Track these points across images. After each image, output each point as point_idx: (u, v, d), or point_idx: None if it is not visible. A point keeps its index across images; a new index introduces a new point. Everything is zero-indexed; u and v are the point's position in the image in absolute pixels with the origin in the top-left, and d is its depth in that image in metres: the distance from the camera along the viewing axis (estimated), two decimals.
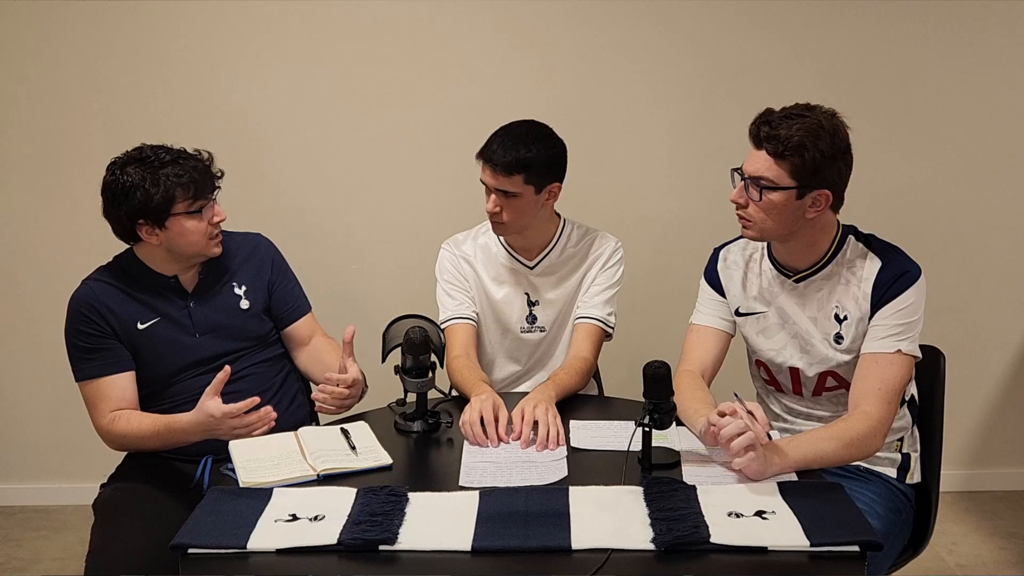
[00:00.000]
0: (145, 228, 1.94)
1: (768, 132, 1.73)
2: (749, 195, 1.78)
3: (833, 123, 1.74)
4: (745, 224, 1.83)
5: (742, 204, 1.80)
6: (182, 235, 1.94)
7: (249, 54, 2.87)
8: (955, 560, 2.72)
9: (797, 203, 1.75)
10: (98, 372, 1.95)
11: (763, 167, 1.74)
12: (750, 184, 1.77)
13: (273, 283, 2.15)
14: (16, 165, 2.96)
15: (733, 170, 1.82)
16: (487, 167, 2.08)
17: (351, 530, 1.42)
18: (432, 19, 2.85)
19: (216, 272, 2.08)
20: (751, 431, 1.55)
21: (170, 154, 1.94)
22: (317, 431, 1.86)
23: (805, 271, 1.88)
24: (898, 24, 2.83)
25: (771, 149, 1.73)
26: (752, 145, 1.78)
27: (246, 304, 2.09)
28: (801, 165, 1.71)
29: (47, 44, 2.85)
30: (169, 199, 1.90)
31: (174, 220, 1.93)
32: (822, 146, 1.70)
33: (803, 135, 1.70)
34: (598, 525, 1.44)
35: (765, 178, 1.74)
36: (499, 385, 2.28)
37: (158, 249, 1.98)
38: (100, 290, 1.98)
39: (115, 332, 1.96)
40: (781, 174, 1.73)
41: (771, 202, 1.75)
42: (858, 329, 1.83)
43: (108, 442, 1.99)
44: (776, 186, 1.74)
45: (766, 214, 1.77)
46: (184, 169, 1.92)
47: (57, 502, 3.15)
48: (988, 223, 2.97)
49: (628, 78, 2.89)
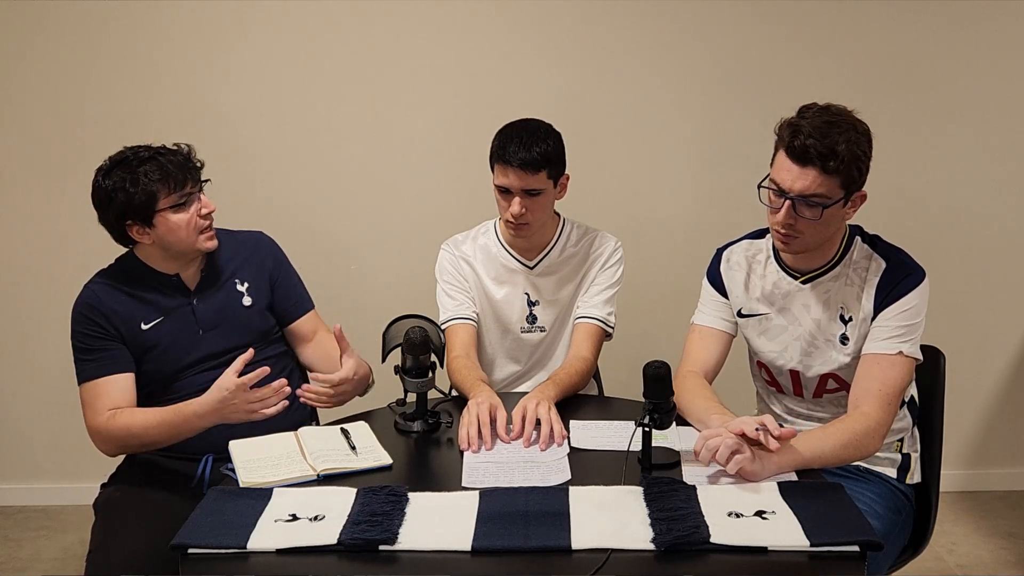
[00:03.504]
0: (135, 228, 1.95)
1: (819, 149, 1.66)
2: (798, 213, 1.72)
3: (859, 122, 1.72)
4: (789, 239, 1.76)
5: (791, 223, 1.75)
6: (171, 231, 1.95)
7: (247, 54, 2.87)
8: (955, 560, 2.72)
9: (843, 210, 1.75)
10: (96, 373, 1.95)
11: (814, 184, 1.69)
12: (800, 203, 1.71)
13: (275, 279, 2.16)
14: (12, 166, 2.96)
15: (767, 188, 1.76)
16: (510, 170, 2.05)
17: (351, 530, 1.42)
18: (433, 20, 2.85)
19: (218, 269, 2.09)
20: (725, 440, 1.55)
21: (148, 151, 1.96)
22: (317, 431, 1.86)
23: (813, 272, 1.87)
24: (899, 27, 2.83)
25: (823, 166, 1.67)
26: (791, 160, 1.70)
27: (249, 300, 2.10)
28: (851, 176, 1.69)
29: (44, 44, 2.85)
30: (151, 196, 1.91)
31: (161, 217, 1.93)
32: (862, 150, 1.69)
33: (848, 145, 1.66)
34: (598, 525, 1.44)
35: (819, 195, 1.69)
36: (499, 385, 2.28)
37: (153, 248, 1.99)
38: (103, 293, 1.98)
39: (119, 334, 1.96)
40: (833, 188, 1.70)
41: (827, 216, 1.72)
42: (861, 330, 1.83)
43: (105, 441, 1.95)
44: (831, 200, 1.71)
45: (817, 228, 1.74)
46: (161, 164, 1.93)
47: (57, 502, 3.15)
48: (988, 223, 2.97)
49: (630, 78, 2.89)
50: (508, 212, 2.10)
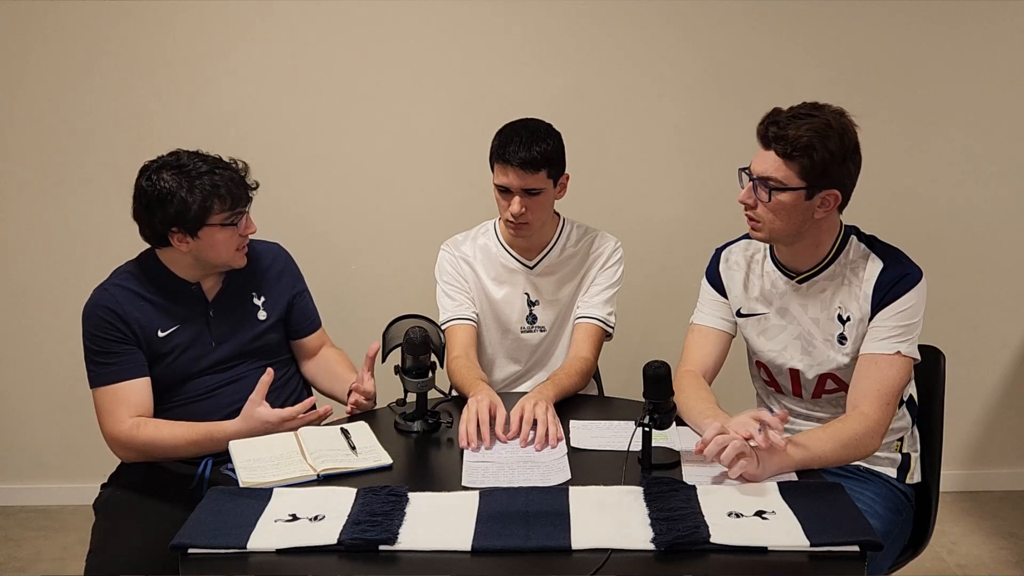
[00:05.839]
0: (177, 236, 1.92)
1: (776, 132, 1.72)
2: (758, 196, 1.76)
3: (842, 123, 1.73)
4: (754, 225, 1.82)
5: (750, 205, 1.79)
6: (212, 246, 1.93)
7: (249, 56, 2.87)
8: (955, 560, 2.72)
9: (806, 204, 1.75)
10: (116, 378, 1.92)
11: (772, 168, 1.73)
12: (759, 185, 1.76)
13: (294, 300, 2.16)
14: (16, 165, 2.96)
15: (741, 170, 1.81)
16: (510, 169, 2.06)
17: (351, 530, 1.42)
18: (432, 21, 2.85)
19: (238, 282, 2.07)
20: (734, 440, 1.54)
21: (207, 163, 1.92)
22: (317, 431, 1.86)
23: (808, 272, 1.88)
24: (901, 25, 2.83)
25: (780, 150, 1.72)
26: (760, 145, 1.77)
27: (264, 315, 2.09)
28: (810, 166, 1.70)
29: (50, 44, 2.86)
30: (206, 209, 1.89)
31: (208, 230, 1.91)
32: (831, 146, 1.70)
33: (812, 135, 1.69)
34: (598, 525, 1.44)
35: (774, 179, 1.73)
36: (499, 385, 2.28)
37: (185, 256, 1.96)
38: (122, 296, 1.95)
39: (136, 338, 1.94)
40: (790, 175, 1.72)
41: (780, 203, 1.75)
42: (859, 330, 1.83)
43: (125, 448, 1.93)
44: (785, 187, 1.73)
45: (775, 215, 1.76)
46: (222, 179, 1.91)
47: (57, 502, 3.15)
48: (988, 223, 2.97)
49: (629, 78, 2.89)
50: (508, 212, 2.10)
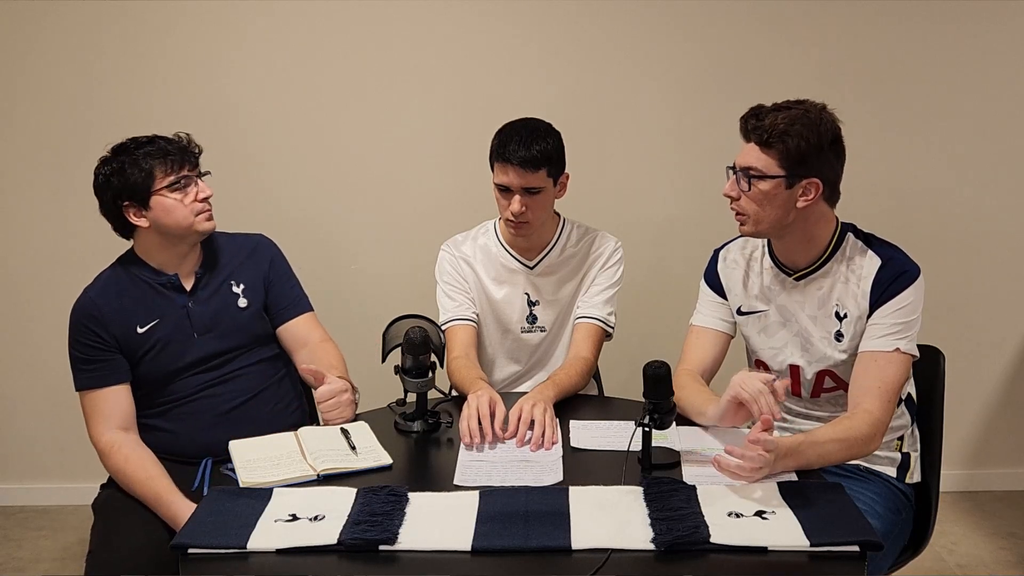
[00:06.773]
0: (132, 211, 1.95)
1: (755, 124, 1.77)
2: (740, 187, 1.80)
3: (820, 114, 1.77)
4: (740, 219, 1.85)
5: (735, 197, 1.83)
6: (167, 212, 1.95)
7: (249, 54, 2.87)
8: (955, 560, 2.72)
9: (787, 192, 1.77)
10: (94, 383, 1.95)
11: (752, 158, 1.78)
12: (740, 176, 1.80)
13: (270, 280, 2.14)
14: (16, 166, 2.96)
15: (728, 167, 1.85)
16: (510, 168, 2.06)
17: (351, 530, 1.42)
18: (432, 20, 2.85)
19: (215, 270, 2.08)
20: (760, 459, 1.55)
21: (147, 138, 1.98)
22: (317, 431, 1.86)
23: (805, 269, 1.88)
24: (897, 22, 2.83)
25: (757, 139, 1.77)
26: (743, 139, 1.82)
27: (244, 302, 2.09)
28: (786, 152, 1.74)
29: (49, 43, 2.86)
30: (148, 176, 1.93)
31: (157, 198, 1.94)
32: (807, 134, 1.74)
33: (787, 123, 1.74)
34: (598, 525, 1.44)
35: (754, 168, 1.78)
36: (499, 385, 2.28)
37: (151, 234, 1.98)
38: (99, 299, 1.97)
39: (116, 342, 1.96)
40: (769, 163, 1.76)
41: (761, 192, 1.78)
42: (857, 327, 1.83)
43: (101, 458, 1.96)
44: (764, 175, 1.77)
45: (758, 205, 1.79)
46: (159, 147, 1.96)
47: (57, 502, 3.15)
48: (988, 223, 2.97)
49: (628, 78, 2.89)
50: (508, 211, 2.10)
